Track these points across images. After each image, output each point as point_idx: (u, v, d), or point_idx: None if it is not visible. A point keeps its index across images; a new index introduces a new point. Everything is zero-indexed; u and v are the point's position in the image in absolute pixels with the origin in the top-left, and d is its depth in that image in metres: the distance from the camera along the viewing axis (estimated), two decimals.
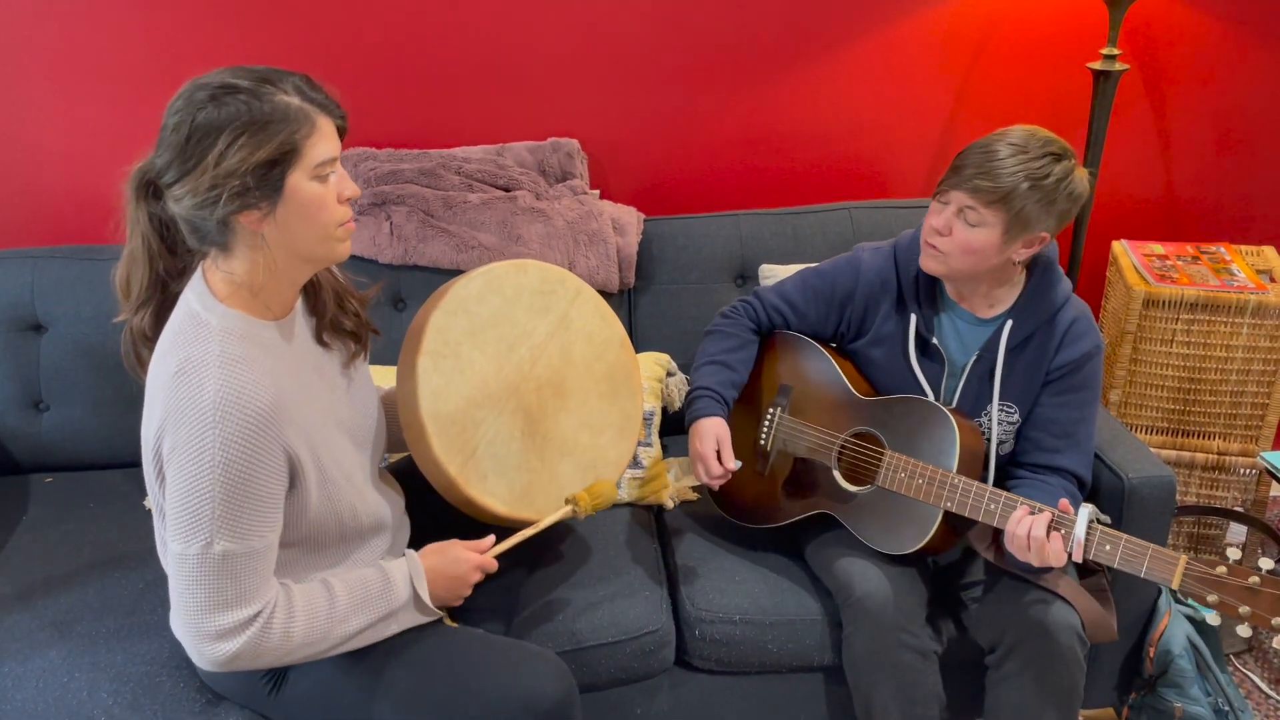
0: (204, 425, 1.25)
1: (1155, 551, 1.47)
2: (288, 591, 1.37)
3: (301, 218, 1.30)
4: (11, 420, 2.16)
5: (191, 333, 1.31)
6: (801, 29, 2.44)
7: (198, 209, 1.27)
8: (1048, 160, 1.59)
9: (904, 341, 1.79)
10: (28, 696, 1.57)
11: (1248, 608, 1.41)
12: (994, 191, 1.58)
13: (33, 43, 2.26)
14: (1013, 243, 1.63)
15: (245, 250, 1.32)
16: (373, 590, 1.43)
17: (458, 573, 1.50)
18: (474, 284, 1.63)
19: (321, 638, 1.38)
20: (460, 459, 1.57)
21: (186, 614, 1.31)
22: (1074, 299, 1.76)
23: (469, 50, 2.38)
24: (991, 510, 1.61)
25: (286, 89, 1.27)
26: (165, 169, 1.28)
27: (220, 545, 1.28)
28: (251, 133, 1.24)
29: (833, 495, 1.80)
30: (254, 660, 1.34)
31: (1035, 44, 2.51)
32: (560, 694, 1.46)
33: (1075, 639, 1.63)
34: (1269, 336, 2.32)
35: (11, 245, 2.37)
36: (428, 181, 2.29)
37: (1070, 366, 1.73)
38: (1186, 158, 2.64)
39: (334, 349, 1.51)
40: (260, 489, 1.30)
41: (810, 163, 2.57)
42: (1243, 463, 2.43)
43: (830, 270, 1.86)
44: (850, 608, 1.70)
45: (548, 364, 1.69)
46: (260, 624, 1.32)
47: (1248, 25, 2.51)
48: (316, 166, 1.29)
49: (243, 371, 1.28)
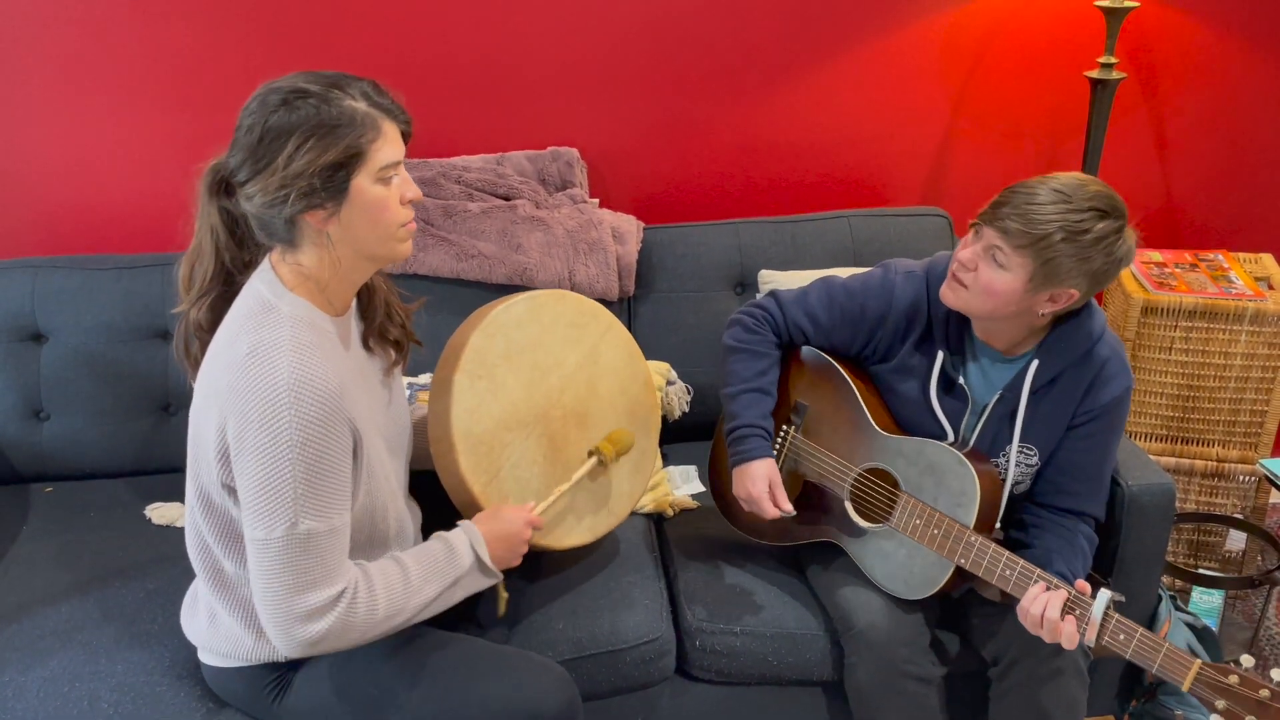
0: (279, 406, 1.28)
1: (1170, 651, 1.43)
2: (364, 569, 1.40)
3: (365, 218, 1.34)
4: (12, 430, 2.16)
5: (262, 317, 1.34)
6: (800, 38, 2.45)
7: (267, 207, 1.31)
8: (1091, 216, 1.47)
9: (927, 376, 1.71)
10: (29, 706, 1.57)
11: (1254, 718, 1.39)
12: (1024, 235, 1.47)
13: (35, 53, 2.27)
14: (1037, 294, 1.52)
15: (311, 247, 1.36)
16: (439, 560, 1.46)
17: (511, 530, 1.53)
18: (516, 309, 1.64)
19: (400, 609, 1.40)
20: (484, 479, 1.58)
21: (275, 598, 1.33)
22: (1107, 334, 1.65)
23: (468, 59, 2.39)
24: (1007, 576, 1.56)
25: (354, 94, 1.32)
26: (238, 168, 1.32)
27: (305, 524, 1.31)
28: (319, 136, 1.28)
29: (842, 526, 1.76)
30: (340, 638, 1.36)
31: (1033, 53, 2.52)
32: (563, 704, 1.47)
33: (1079, 652, 1.62)
34: (1267, 344, 2.32)
35: (13, 255, 2.37)
36: (428, 190, 2.30)
37: (1100, 410, 1.64)
38: (1184, 166, 2.65)
39: (377, 355, 1.55)
40: (336, 467, 1.33)
41: (809, 171, 2.58)
42: (1242, 470, 2.43)
43: (861, 291, 1.75)
44: (853, 639, 1.68)
45: (575, 394, 1.71)
46: (347, 601, 1.35)
47: (1244, 34, 2.52)
48: (380, 170, 1.33)
49: (313, 356, 1.32)
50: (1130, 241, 1.52)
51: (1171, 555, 2.52)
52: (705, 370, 2.27)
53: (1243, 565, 2.52)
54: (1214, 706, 1.41)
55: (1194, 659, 1.43)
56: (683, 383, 2.27)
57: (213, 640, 1.51)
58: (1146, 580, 1.84)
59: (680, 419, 2.25)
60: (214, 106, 2.32)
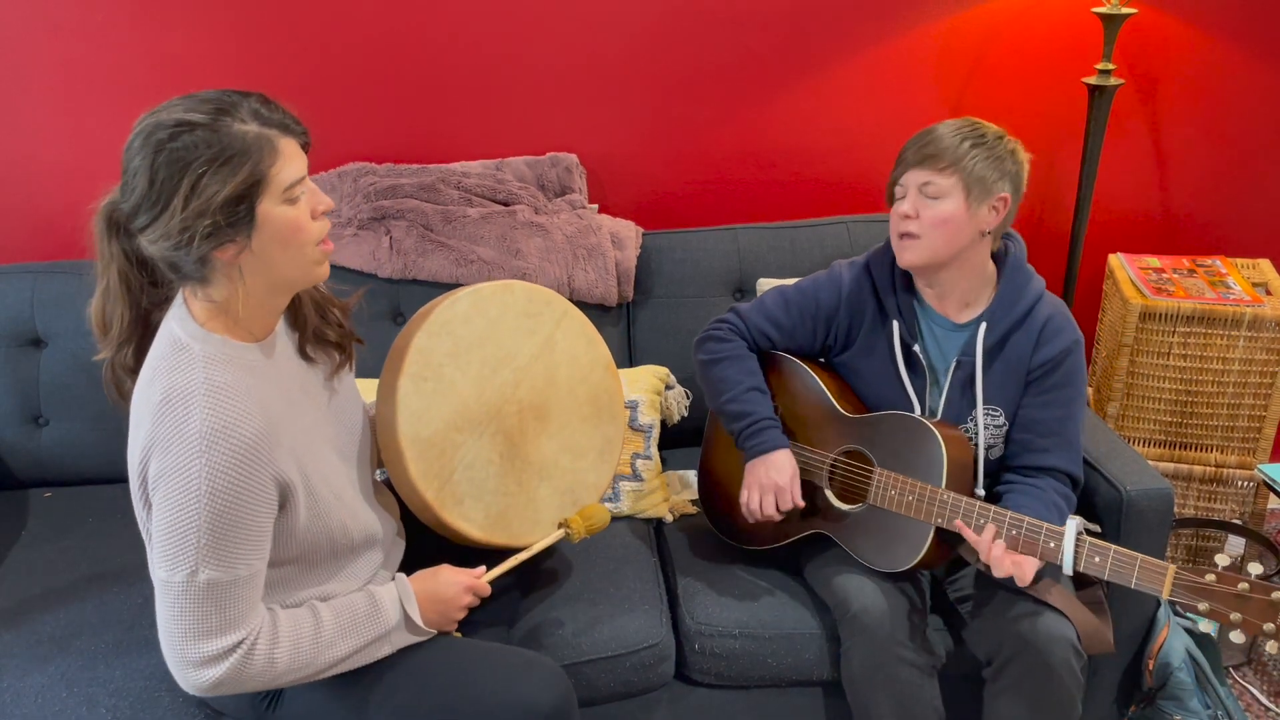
0: (191, 454, 1.24)
1: (1144, 561, 1.50)
2: (273, 617, 1.37)
3: (278, 243, 1.29)
4: (11, 435, 2.16)
5: (174, 360, 1.30)
6: (799, 44, 2.46)
7: (172, 250, 1.25)
8: (977, 125, 1.70)
9: (889, 352, 1.80)
10: (26, 712, 1.57)
11: (1238, 614, 1.44)
12: (942, 157, 1.65)
13: (34, 57, 2.27)
14: (978, 208, 1.67)
15: (224, 280, 1.31)
16: (360, 615, 1.42)
17: (448, 595, 1.49)
18: (460, 305, 1.61)
19: (307, 663, 1.38)
20: (437, 483, 1.56)
21: (171, 640, 1.31)
22: (1047, 296, 1.78)
23: (468, 65, 2.40)
24: (982, 525, 1.63)
25: (243, 116, 1.25)
26: (134, 213, 1.26)
27: (205, 574, 1.27)
28: (215, 169, 1.22)
29: (826, 515, 1.80)
30: (238, 686, 1.33)
31: (1030, 59, 2.52)
32: (558, 700, 1.46)
33: (1070, 651, 1.63)
34: (1265, 349, 2.33)
35: (12, 260, 2.37)
36: (427, 196, 2.30)
37: (1050, 364, 1.74)
38: (1182, 171, 2.65)
39: (318, 362, 1.50)
40: (247, 518, 1.29)
41: (808, 177, 2.58)
42: (1240, 475, 2.43)
43: (812, 287, 1.87)
44: (847, 624, 1.71)
45: (531, 386, 1.68)
46: (243, 651, 1.32)
47: (1242, 39, 2.52)
48: (285, 190, 1.27)
49: (229, 400, 1.28)
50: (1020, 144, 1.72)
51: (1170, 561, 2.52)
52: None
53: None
54: (1196, 609, 1.45)
55: (1168, 564, 1.49)
56: (681, 387, 2.27)
57: None
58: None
59: (679, 423, 2.25)
60: None
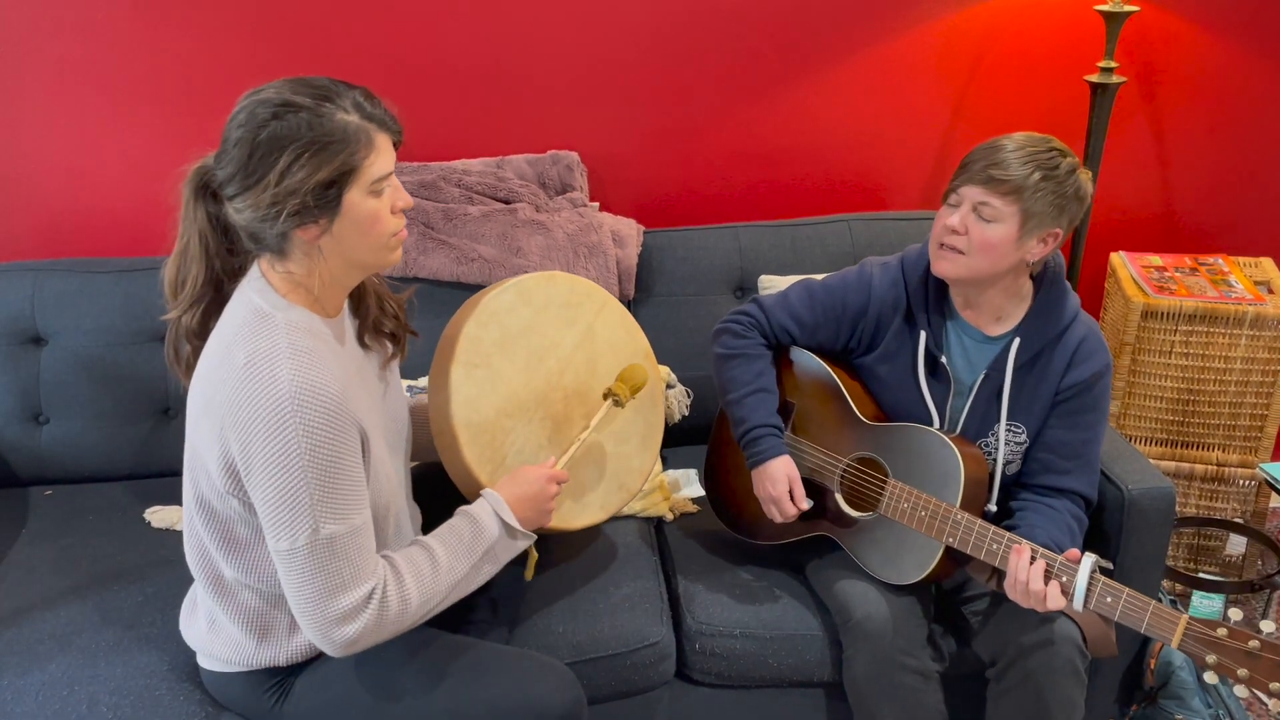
0: (283, 415, 1.27)
1: (1156, 609, 1.45)
2: (392, 562, 1.40)
3: (357, 231, 1.33)
4: (11, 433, 2.16)
5: (257, 325, 1.33)
6: (800, 42, 2.45)
7: (259, 222, 1.30)
8: (1054, 154, 1.59)
9: (913, 359, 1.75)
10: (28, 710, 1.57)
11: (1246, 670, 1.39)
12: (1008, 182, 1.56)
13: (36, 56, 2.27)
14: (1028, 239, 1.61)
15: (302, 257, 1.35)
16: (465, 535, 1.46)
17: (535, 490, 1.53)
18: (505, 295, 1.66)
19: (433, 594, 1.41)
20: (490, 466, 1.60)
21: (309, 605, 1.33)
22: (1082, 315, 1.73)
23: (469, 63, 2.39)
24: (994, 550, 1.58)
25: (346, 106, 1.29)
26: (227, 181, 1.30)
27: (326, 529, 1.30)
28: (312, 153, 1.26)
29: (834, 519, 1.79)
30: (377, 634, 1.36)
31: (1033, 57, 2.52)
32: (569, 704, 1.47)
33: (1075, 653, 1.62)
34: (1267, 348, 2.33)
35: (13, 258, 2.37)
36: (428, 194, 2.30)
37: (1080, 387, 1.69)
38: (1184, 169, 2.65)
39: (373, 351, 1.54)
40: (348, 468, 1.32)
41: (809, 175, 2.58)
42: (1242, 474, 2.43)
43: (840, 286, 1.81)
44: (850, 630, 1.69)
45: (575, 374, 1.72)
46: (379, 598, 1.35)
47: (1244, 38, 2.52)
48: (373, 183, 1.32)
49: (313, 361, 1.31)
50: (1088, 180, 1.63)
51: (1171, 559, 2.52)
52: (705, 374, 2.27)
53: (1243, 569, 2.52)
54: (1205, 662, 1.42)
55: (1181, 615, 1.44)
56: (682, 386, 2.27)
57: (212, 645, 1.51)
58: (1146, 584, 1.84)
59: (680, 422, 2.25)
60: (214, 110, 2.31)
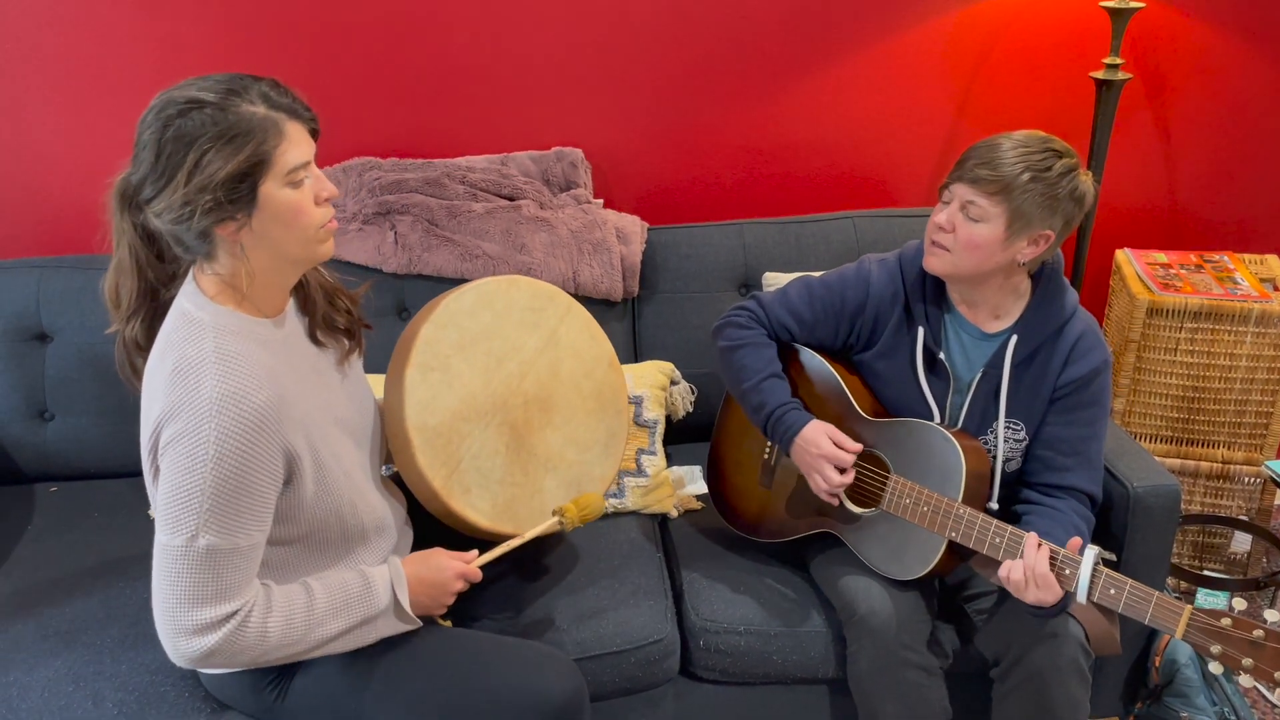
0: (201, 419, 1.26)
1: (1160, 600, 1.45)
2: (268, 592, 1.38)
3: (279, 224, 1.32)
4: (16, 429, 2.16)
5: (185, 331, 1.32)
6: (805, 39, 2.45)
7: (175, 223, 1.29)
8: (1049, 155, 1.57)
9: (911, 356, 1.76)
10: (33, 706, 1.57)
11: (1250, 660, 1.39)
12: (995, 181, 1.56)
13: (38, 52, 2.27)
14: (1016, 240, 1.60)
15: (228, 257, 1.34)
16: (352, 594, 1.43)
17: (439, 580, 1.50)
18: (466, 298, 1.64)
19: (298, 639, 1.38)
20: (445, 471, 1.58)
21: (165, 606, 1.32)
22: (1080, 311, 1.73)
23: (473, 60, 2.39)
24: (996, 544, 1.58)
25: (252, 98, 1.28)
26: (141, 185, 1.30)
27: (206, 539, 1.29)
28: (219, 146, 1.25)
29: (837, 515, 1.79)
30: (229, 658, 1.34)
31: (1038, 53, 2.51)
32: (570, 692, 1.47)
33: (1079, 651, 1.62)
34: (1273, 345, 2.32)
35: (17, 255, 2.38)
36: (432, 191, 2.30)
37: (1078, 383, 1.69)
38: (1189, 166, 2.64)
39: (329, 347, 1.52)
40: (252, 487, 1.31)
41: (813, 172, 2.57)
42: (1247, 471, 2.43)
43: (838, 283, 1.81)
44: (854, 626, 1.70)
45: (536, 380, 1.70)
46: (237, 621, 1.32)
47: (1250, 34, 2.51)
48: (289, 174, 1.30)
49: (239, 368, 1.30)
50: (1088, 183, 1.61)
51: (1176, 557, 2.52)
52: (709, 370, 2.27)
53: (1248, 567, 2.52)
54: (1209, 652, 1.42)
55: (1184, 605, 1.44)
56: (686, 383, 2.27)
57: None
58: (1151, 582, 1.83)
59: (684, 418, 2.25)
60: None
